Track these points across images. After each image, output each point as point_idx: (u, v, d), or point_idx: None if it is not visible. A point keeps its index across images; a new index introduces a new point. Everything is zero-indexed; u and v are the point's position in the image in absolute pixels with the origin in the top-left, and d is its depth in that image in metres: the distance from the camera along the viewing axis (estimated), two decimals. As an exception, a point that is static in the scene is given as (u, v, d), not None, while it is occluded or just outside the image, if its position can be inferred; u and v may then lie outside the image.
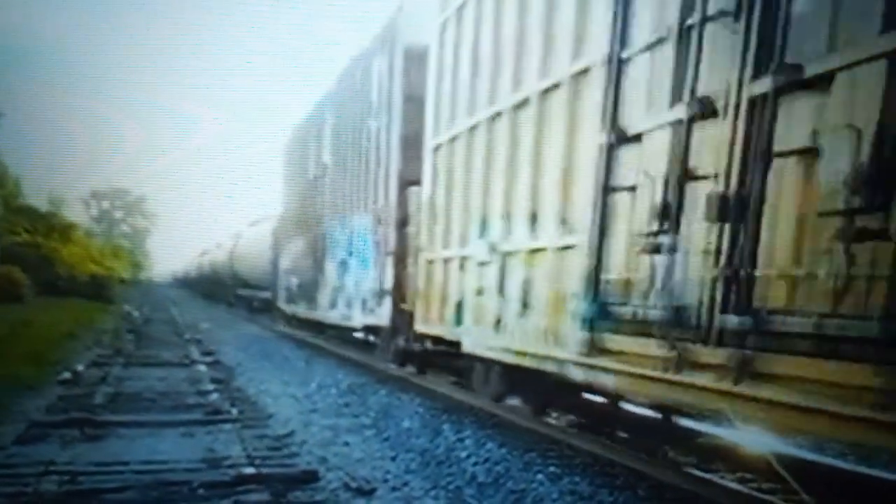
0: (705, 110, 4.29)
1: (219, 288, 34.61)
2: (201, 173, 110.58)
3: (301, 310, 16.17)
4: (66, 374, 8.93)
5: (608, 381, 5.21)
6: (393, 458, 5.86)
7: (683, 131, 4.44)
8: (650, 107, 4.85)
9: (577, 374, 5.57)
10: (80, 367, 9.49)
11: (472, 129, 7.54)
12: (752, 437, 5.18)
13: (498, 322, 6.84)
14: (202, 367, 10.53)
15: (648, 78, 4.91)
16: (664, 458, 6.04)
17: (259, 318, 22.34)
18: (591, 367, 5.33)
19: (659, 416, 6.41)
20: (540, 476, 5.34)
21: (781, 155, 3.85)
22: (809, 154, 3.67)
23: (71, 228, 40.29)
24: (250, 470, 5.02)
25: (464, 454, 5.97)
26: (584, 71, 5.61)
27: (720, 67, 4.22)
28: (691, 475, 5.32)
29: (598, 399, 6.85)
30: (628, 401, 6.50)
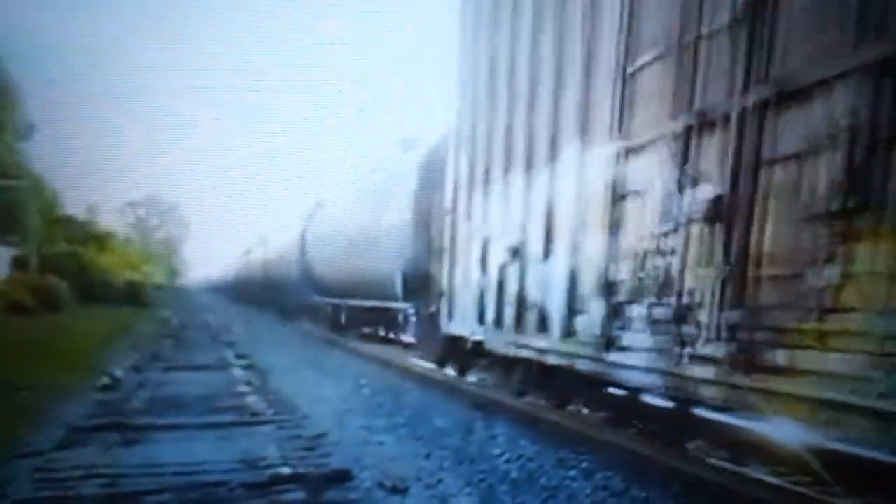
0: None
1: (273, 294, 27.10)
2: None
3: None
4: (105, 380, 9.06)
5: None
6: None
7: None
8: None
9: None
10: (118, 373, 9.62)
11: None
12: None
13: None
14: (238, 371, 10.63)
15: None
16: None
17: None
18: None
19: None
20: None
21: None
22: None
23: (108, 237, 41.09)
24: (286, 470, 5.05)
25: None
26: None
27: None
28: (724, 469, 5.22)
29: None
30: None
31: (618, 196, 5.25)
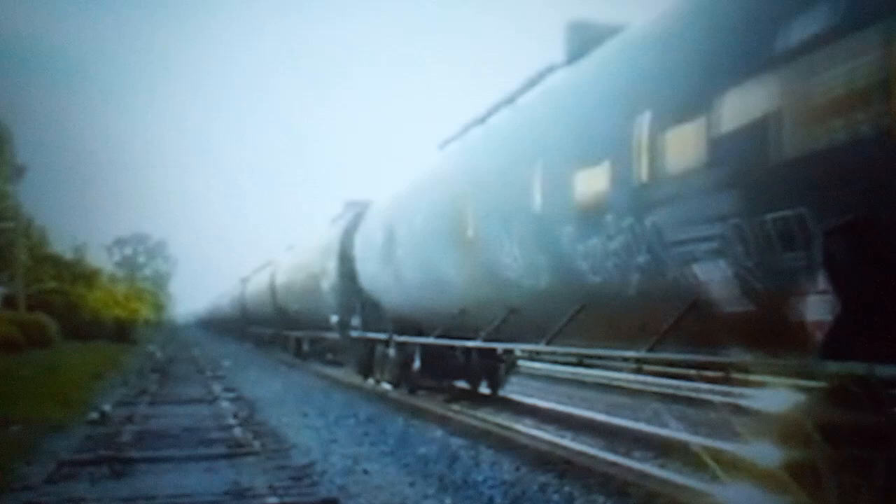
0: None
1: (287, 327, 22.11)
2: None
3: None
4: (94, 415, 9.14)
5: None
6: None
7: None
8: None
9: None
10: (106, 408, 9.69)
11: None
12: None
13: None
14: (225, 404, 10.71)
15: None
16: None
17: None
18: None
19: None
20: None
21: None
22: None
23: (95, 275, 41.16)
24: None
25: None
26: None
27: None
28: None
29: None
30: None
31: None
